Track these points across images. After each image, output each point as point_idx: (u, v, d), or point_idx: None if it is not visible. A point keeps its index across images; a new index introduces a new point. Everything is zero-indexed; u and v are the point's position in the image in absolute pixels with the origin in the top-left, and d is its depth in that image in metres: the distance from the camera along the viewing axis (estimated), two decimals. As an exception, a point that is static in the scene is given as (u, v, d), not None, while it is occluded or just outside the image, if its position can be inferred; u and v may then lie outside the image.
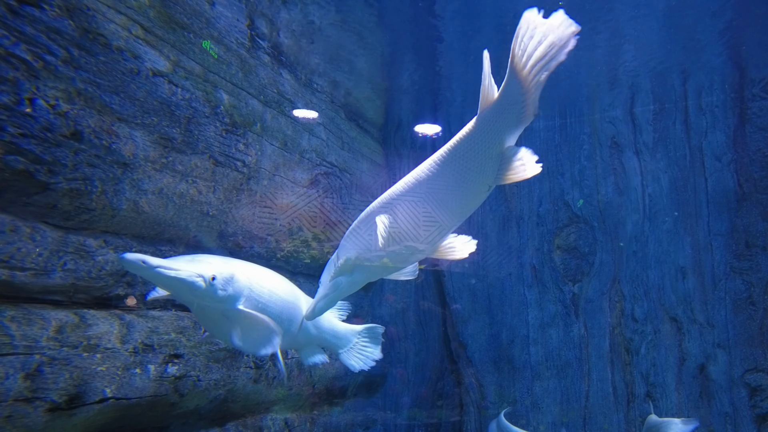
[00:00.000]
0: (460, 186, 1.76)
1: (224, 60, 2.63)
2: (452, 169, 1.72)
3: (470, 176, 1.74)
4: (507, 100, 1.66)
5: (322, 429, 3.89)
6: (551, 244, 4.55)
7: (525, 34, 1.61)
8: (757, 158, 4.09)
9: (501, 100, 1.64)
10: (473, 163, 1.70)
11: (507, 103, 1.67)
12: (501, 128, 1.68)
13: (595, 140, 4.58)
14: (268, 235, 3.19)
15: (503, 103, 1.67)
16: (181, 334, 2.36)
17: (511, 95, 1.65)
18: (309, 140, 3.45)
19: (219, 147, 2.57)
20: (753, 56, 4.17)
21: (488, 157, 1.68)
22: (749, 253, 4.06)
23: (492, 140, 1.66)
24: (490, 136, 1.66)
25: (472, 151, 1.69)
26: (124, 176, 1.98)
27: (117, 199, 1.98)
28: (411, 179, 1.88)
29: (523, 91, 1.63)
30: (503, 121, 1.67)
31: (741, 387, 3.88)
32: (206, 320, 1.93)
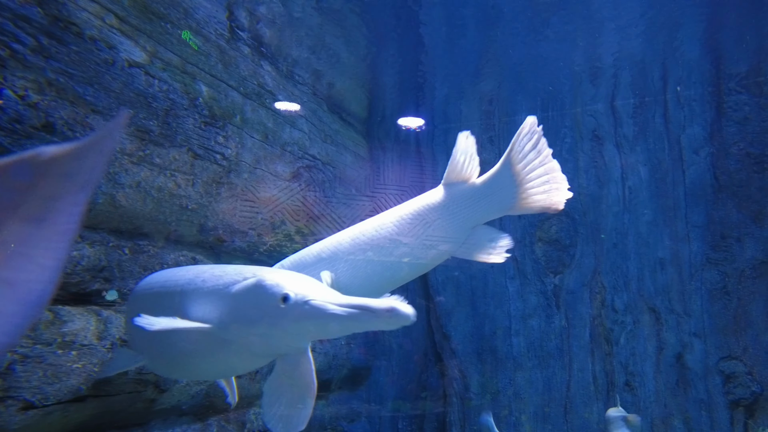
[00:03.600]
0: (423, 251, 1.86)
1: (203, 51, 2.58)
2: (417, 233, 1.81)
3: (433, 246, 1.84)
4: (494, 187, 1.79)
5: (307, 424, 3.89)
6: (533, 237, 4.60)
7: (525, 135, 1.82)
8: (733, 151, 4.18)
9: (488, 184, 1.80)
10: (442, 231, 1.80)
11: (493, 190, 1.78)
12: (481, 209, 1.75)
13: (577, 133, 4.63)
14: (249, 229, 3.16)
15: (489, 188, 1.79)
16: (161, 330, 2.33)
17: (500, 184, 1.79)
18: (291, 133, 3.42)
19: (198, 140, 2.53)
20: (729, 51, 4.24)
21: (459, 230, 1.80)
22: (725, 244, 4.15)
23: (468, 216, 1.79)
24: (467, 212, 1.78)
25: (443, 220, 1.78)
26: (99, 169, 1.93)
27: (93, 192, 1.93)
28: (364, 233, 1.91)
29: (515, 184, 1.74)
30: (485, 203, 1.79)
31: (716, 374, 3.99)
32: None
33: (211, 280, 1.61)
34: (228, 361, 1.63)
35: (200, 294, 1.59)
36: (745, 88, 4.16)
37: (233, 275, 1.59)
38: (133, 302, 1.86)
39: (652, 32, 4.41)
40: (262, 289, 1.48)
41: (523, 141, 1.74)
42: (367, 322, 1.35)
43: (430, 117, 5.14)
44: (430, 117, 5.14)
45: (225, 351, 1.54)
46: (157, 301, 1.71)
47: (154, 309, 1.65)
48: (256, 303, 1.48)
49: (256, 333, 1.48)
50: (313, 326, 1.44)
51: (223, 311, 1.51)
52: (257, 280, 1.52)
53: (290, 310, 1.42)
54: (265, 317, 1.45)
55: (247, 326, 1.49)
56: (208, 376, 1.82)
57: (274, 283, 1.49)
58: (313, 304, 1.41)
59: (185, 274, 1.73)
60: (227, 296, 1.53)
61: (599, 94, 4.60)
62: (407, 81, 5.16)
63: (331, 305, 1.39)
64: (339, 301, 1.40)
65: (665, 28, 4.37)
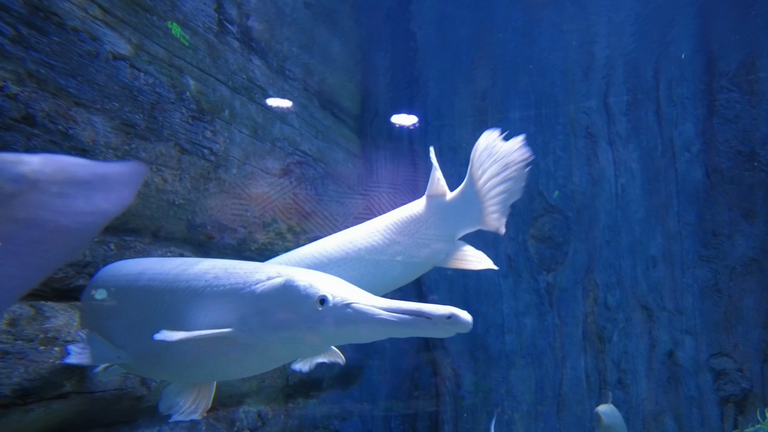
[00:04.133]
0: (404, 261, 1.90)
1: (191, 45, 2.54)
2: (400, 243, 1.85)
3: (418, 253, 1.88)
4: (462, 203, 1.88)
5: (297, 421, 3.87)
6: (526, 234, 4.59)
7: (483, 151, 1.89)
8: (724, 149, 4.18)
9: (457, 199, 1.91)
10: (422, 243, 1.84)
11: (462, 204, 1.88)
12: (455, 222, 1.87)
13: (570, 130, 4.62)
14: (239, 226, 3.13)
15: (459, 203, 1.89)
16: (147, 327, 2.30)
17: (467, 200, 1.87)
18: (281, 128, 3.39)
19: (185, 134, 2.50)
20: (722, 49, 4.25)
21: (441, 241, 1.87)
22: (716, 242, 4.16)
23: (444, 229, 1.87)
24: (443, 225, 1.86)
25: (421, 232, 1.85)
26: (82, 163, 1.90)
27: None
28: (346, 244, 1.93)
29: (479, 199, 1.84)
30: (458, 217, 1.87)
31: (706, 371, 3.99)
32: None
33: (226, 278, 1.47)
34: (241, 365, 1.51)
35: (214, 293, 1.45)
36: (736, 86, 4.16)
37: (253, 273, 1.46)
38: (99, 296, 1.70)
39: (645, 29, 4.41)
40: (294, 290, 1.37)
41: (482, 157, 1.83)
42: (421, 329, 1.26)
43: (423, 113, 5.12)
44: (423, 113, 5.12)
45: (241, 355, 1.43)
46: (141, 297, 1.57)
47: (136, 306, 1.57)
48: (288, 305, 1.37)
49: (287, 337, 1.38)
50: (354, 331, 1.34)
51: (246, 313, 1.39)
52: (286, 279, 1.41)
53: (328, 314, 1.33)
54: (300, 321, 1.36)
55: (276, 330, 1.38)
56: (209, 379, 1.71)
57: (306, 283, 1.38)
58: (357, 308, 1.32)
59: (181, 268, 1.57)
60: (251, 297, 1.41)
61: (592, 91, 4.60)
62: (400, 77, 5.14)
63: (377, 310, 1.29)
64: (385, 305, 1.30)
65: (658, 25, 4.38)
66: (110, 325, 1.63)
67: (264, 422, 3.48)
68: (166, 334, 1.35)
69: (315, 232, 4.13)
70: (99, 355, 1.55)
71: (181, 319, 1.43)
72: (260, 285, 1.43)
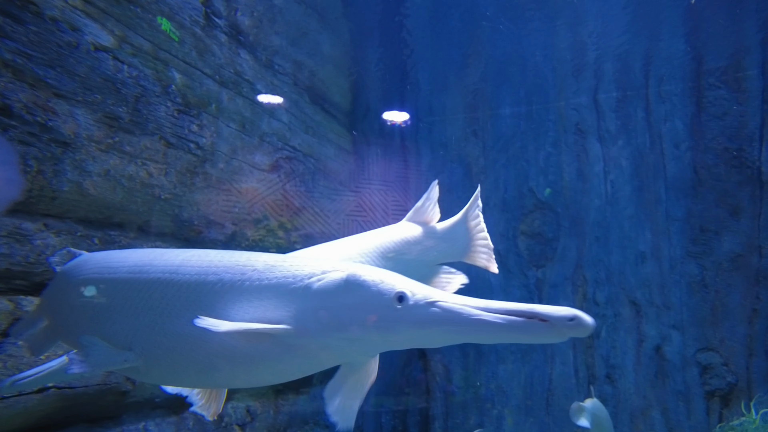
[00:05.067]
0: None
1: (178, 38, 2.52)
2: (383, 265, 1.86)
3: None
4: (453, 235, 1.96)
5: (286, 417, 3.86)
6: (516, 230, 4.60)
7: (477, 198, 1.99)
8: (712, 146, 4.21)
9: (448, 231, 1.95)
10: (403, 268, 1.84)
11: (452, 236, 1.95)
12: (441, 252, 1.92)
13: (560, 127, 4.63)
14: (227, 221, 3.11)
15: (449, 234, 1.96)
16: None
17: (458, 233, 1.97)
18: (270, 123, 3.37)
19: (171, 128, 2.48)
20: (710, 46, 4.27)
21: (424, 267, 1.91)
22: (704, 238, 4.19)
23: (428, 256, 1.91)
24: (428, 253, 1.91)
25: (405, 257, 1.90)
26: (65, 156, 1.88)
27: (57, 180, 1.88)
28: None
29: (470, 236, 1.96)
30: (445, 247, 1.93)
31: (693, 366, 4.03)
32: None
33: (269, 271, 1.33)
34: (278, 369, 1.36)
35: (257, 287, 1.31)
36: (724, 84, 4.19)
37: (300, 265, 1.33)
38: (90, 292, 1.48)
39: (635, 26, 4.43)
40: (362, 285, 1.25)
41: (477, 202, 2.03)
42: (534, 333, 1.13)
43: (415, 110, 5.11)
44: (415, 110, 5.11)
45: (283, 357, 1.29)
46: (155, 291, 1.38)
47: (147, 300, 1.36)
48: (357, 303, 1.24)
49: (350, 338, 1.25)
50: (440, 334, 1.21)
51: (302, 310, 1.26)
52: (349, 274, 1.28)
53: (409, 313, 1.20)
54: (373, 320, 1.23)
55: (339, 330, 1.24)
56: (233, 385, 1.52)
57: (376, 278, 1.26)
58: (446, 307, 1.19)
59: (205, 259, 1.41)
60: (307, 292, 1.27)
61: (582, 87, 4.61)
62: (392, 73, 5.13)
63: (474, 310, 1.17)
64: (482, 305, 1.18)
65: (648, 22, 4.39)
66: (108, 324, 1.43)
67: (253, 418, 3.47)
68: (211, 322, 1.19)
69: (306, 228, 4.12)
70: (102, 359, 1.37)
71: (211, 316, 1.27)
72: (316, 279, 1.29)
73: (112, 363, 1.37)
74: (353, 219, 4.72)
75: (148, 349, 1.36)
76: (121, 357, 1.38)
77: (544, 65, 4.75)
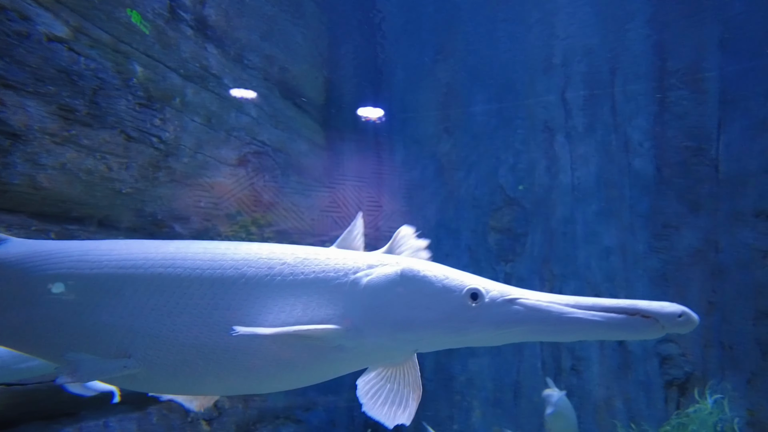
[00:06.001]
0: None
1: (138, 30, 2.49)
2: None
3: None
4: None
5: (256, 412, 3.86)
6: (486, 226, 4.67)
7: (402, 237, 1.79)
8: (674, 144, 4.34)
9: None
10: None
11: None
12: None
13: (530, 125, 4.72)
14: (193, 216, 3.09)
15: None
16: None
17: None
18: (237, 117, 3.36)
19: (132, 121, 2.45)
20: (672, 48, 4.39)
21: None
22: (665, 233, 4.32)
23: None
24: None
25: None
26: (15, 149, 1.85)
27: (7, 173, 1.85)
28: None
29: None
30: None
31: (653, 357, 4.17)
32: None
33: (302, 266, 1.19)
34: (309, 373, 1.24)
35: (291, 284, 1.17)
36: (685, 84, 4.32)
37: (338, 259, 1.21)
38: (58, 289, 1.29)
39: (603, 27, 4.53)
40: (423, 281, 1.15)
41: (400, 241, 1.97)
42: (636, 330, 1.08)
43: (389, 106, 5.13)
44: (389, 106, 5.13)
45: (321, 360, 1.18)
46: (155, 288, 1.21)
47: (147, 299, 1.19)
48: (422, 301, 1.14)
49: (410, 338, 1.15)
50: (523, 332, 1.12)
51: (351, 308, 1.15)
52: (404, 269, 1.17)
53: (486, 312, 1.11)
54: (442, 320, 1.13)
55: (402, 330, 1.14)
56: (252, 391, 1.39)
57: (439, 274, 1.16)
58: (530, 304, 1.10)
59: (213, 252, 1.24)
60: (356, 289, 1.16)
61: (551, 86, 4.69)
62: (365, 69, 5.14)
63: (564, 307, 1.09)
64: (572, 302, 1.10)
65: (615, 23, 4.49)
66: (91, 328, 1.23)
67: (221, 412, 3.47)
68: (254, 329, 1.06)
69: (280, 224, 4.11)
70: (95, 368, 1.20)
71: (235, 316, 1.14)
72: (364, 274, 1.18)
73: (108, 371, 1.21)
74: (327, 215, 4.73)
75: (151, 356, 1.19)
76: (118, 364, 1.21)
77: (515, 64, 4.82)
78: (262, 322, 1.13)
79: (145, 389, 1.39)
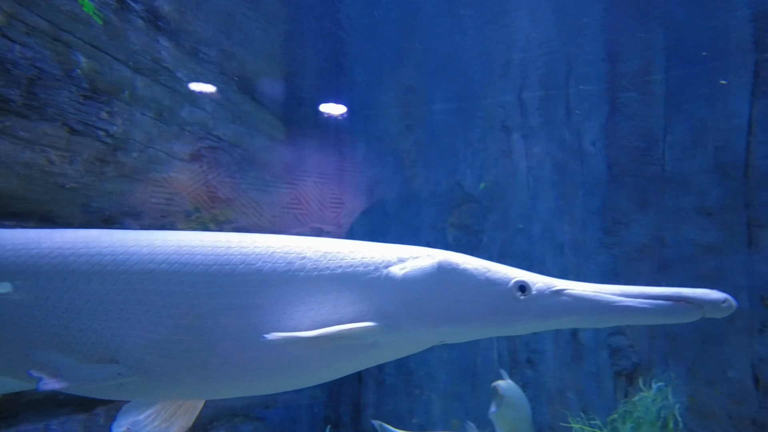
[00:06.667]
0: None
1: (82, 19, 2.41)
2: None
3: None
4: None
5: (212, 410, 3.81)
6: (445, 222, 4.75)
7: None
8: (624, 144, 4.52)
9: None
10: None
11: None
12: None
13: (488, 123, 4.81)
14: (144, 212, 3.02)
15: None
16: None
17: None
18: (191, 112, 3.29)
19: (76, 114, 2.37)
20: (623, 51, 4.56)
21: None
22: (615, 230, 4.50)
23: None
24: None
25: None
26: (-57, 140, 1.77)
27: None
28: None
29: None
30: None
31: (604, 349, 4.33)
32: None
33: (325, 260, 1.12)
34: (337, 369, 1.16)
35: (317, 279, 1.09)
36: (634, 87, 4.50)
37: (365, 252, 1.15)
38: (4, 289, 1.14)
39: (559, 29, 4.65)
40: (464, 275, 1.14)
41: None
42: (682, 315, 1.10)
43: (350, 103, 5.14)
44: (350, 103, 5.14)
45: (355, 356, 1.11)
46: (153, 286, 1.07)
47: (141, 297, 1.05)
48: (466, 294, 1.13)
49: (450, 332, 1.12)
50: (571, 322, 1.14)
51: (387, 304, 1.09)
52: (441, 261, 1.16)
53: (535, 303, 1.12)
54: (489, 312, 1.10)
55: (445, 323, 1.10)
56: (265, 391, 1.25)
57: (480, 267, 1.15)
58: (578, 294, 1.11)
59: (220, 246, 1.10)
60: (392, 283, 1.11)
61: (509, 86, 4.80)
62: (326, 65, 5.12)
63: (613, 297, 1.11)
64: (617, 291, 1.13)
65: (571, 25, 4.63)
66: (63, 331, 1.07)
67: (174, 413, 3.40)
68: (286, 335, 0.96)
69: (240, 221, 4.06)
70: (81, 374, 1.06)
71: (254, 315, 1.04)
72: (398, 268, 1.14)
73: (97, 378, 1.08)
74: (289, 211, 4.70)
75: (149, 363, 1.07)
76: (110, 371, 1.08)
77: (475, 63, 4.90)
78: (287, 322, 1.04)
79: (133, 397, 1.26)
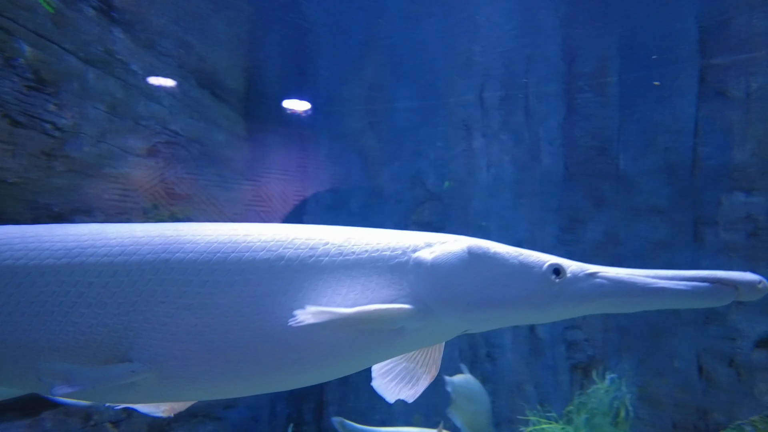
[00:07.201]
0: None
1: (24, 5, 2.31)
2: None
3: None
4: None
5: (170, 411, 3.72)
6: (408, 220, 4.80)
7: None
8: (580, 144, 4.67)
9: None
10: None
11: None
12: None
13: (449, 123, 4.89)
14: (96, 208, 2.93)
15: None
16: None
17: None
18: (147, 106, 3.21)
19: (19, 105, 2.28)
20: (580, 53, 4.72)
21: None
22: (572, 227, 4.65)
23: None
24: None
25: None
26: None
27: None
28: None
29: None
30: None
31: (561, 343, 4.48)
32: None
33: (349, 246, 1.10)
34: (365, 359, 1.15)
35: (342, 266, 1.08)
36: (591, 88, 4.66)
37: (389, 237, 1.14)
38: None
39: (519, 30, 4.76)
40: (496, 259, 1.13)
41: None
42: (718, 297, 1.08)
43: (313, 99, 5.11)
44: (313, 99, 5.11)
45: (383, 343, 1.09)
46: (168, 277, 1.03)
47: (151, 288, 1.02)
48: (500, 279, 1.12)
49: (490, 317, 1.12)
50: (606, 305, 1.12)
51: (418, 289, 1.08)
52: (471, 246, 1.14)
53: (570, 287, 1.11)
54: (525, 296, 1.10)
55: (477, 308, 1.10)
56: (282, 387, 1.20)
57: (512, 251, 1.16)
58: (614, 277, 1.10)
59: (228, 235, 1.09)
60: (420, 269, 1.10)
61: (470, 85, 4.89)
62: (290, 60, 5.07)
63: (648, 279, 1.10)
64: (651, 273, 1.12)
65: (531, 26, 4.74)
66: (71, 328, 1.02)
67: (129, 414, 3.32)
68: (319, 310, 0.95)
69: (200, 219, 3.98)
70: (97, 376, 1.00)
71: (279, 303, 1.02)
72: (427, 253, 1.13)
73: (111, 378, 1.01)
74: (251, 209, 4.64)
75: (164, 358, 1.02)
76: (123, 369, 1.02)
77: (437, 63, 4.96)
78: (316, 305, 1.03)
79: (142, 400, 1.17)
